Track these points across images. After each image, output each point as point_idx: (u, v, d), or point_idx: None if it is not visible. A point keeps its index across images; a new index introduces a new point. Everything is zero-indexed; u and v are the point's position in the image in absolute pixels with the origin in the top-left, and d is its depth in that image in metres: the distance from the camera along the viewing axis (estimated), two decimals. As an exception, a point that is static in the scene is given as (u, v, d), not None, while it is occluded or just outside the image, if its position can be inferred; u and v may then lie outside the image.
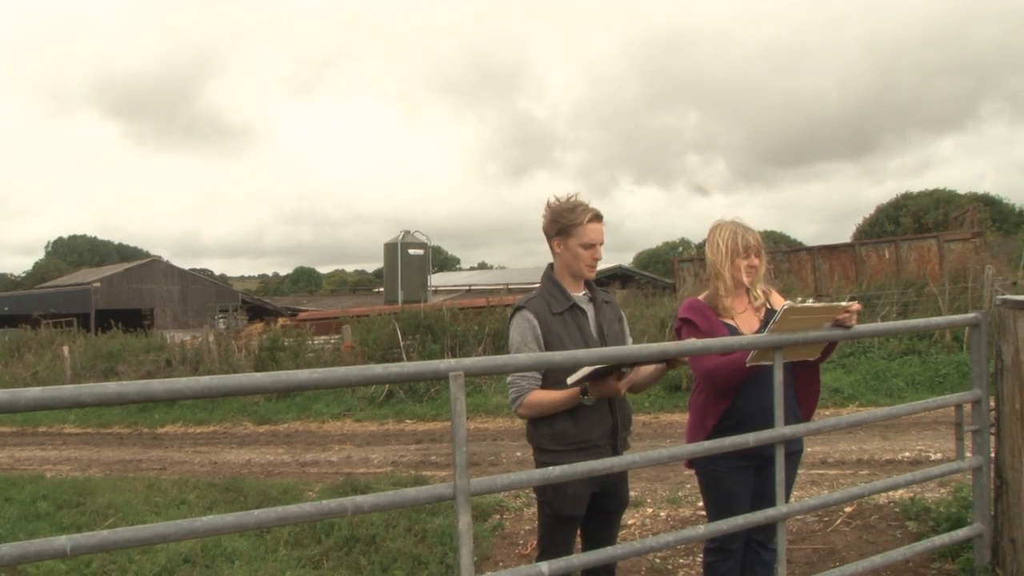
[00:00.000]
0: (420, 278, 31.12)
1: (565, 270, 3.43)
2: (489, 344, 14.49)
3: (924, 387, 10.86)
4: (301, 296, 74.84)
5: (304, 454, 10.20)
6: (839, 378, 11.45)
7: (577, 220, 3.33)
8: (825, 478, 7.00)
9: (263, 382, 2.27)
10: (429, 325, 15.00)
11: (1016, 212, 53.18)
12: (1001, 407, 3.55)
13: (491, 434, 10.58)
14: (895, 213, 50.01)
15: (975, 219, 24.31)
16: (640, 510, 6.19)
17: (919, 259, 20.17)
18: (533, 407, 3.26)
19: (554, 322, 3.31)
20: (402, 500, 2.43)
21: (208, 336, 18.17)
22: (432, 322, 15.07)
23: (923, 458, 7.48)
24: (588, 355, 2.77)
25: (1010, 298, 3.57)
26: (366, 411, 12.83)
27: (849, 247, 22.12)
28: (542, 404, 3.24)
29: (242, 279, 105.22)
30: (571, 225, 3.34)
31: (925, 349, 12.14)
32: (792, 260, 22.17)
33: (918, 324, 3.91)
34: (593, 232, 3.35)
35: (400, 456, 9.53)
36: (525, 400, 3.26)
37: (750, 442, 2.90)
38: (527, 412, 3.29)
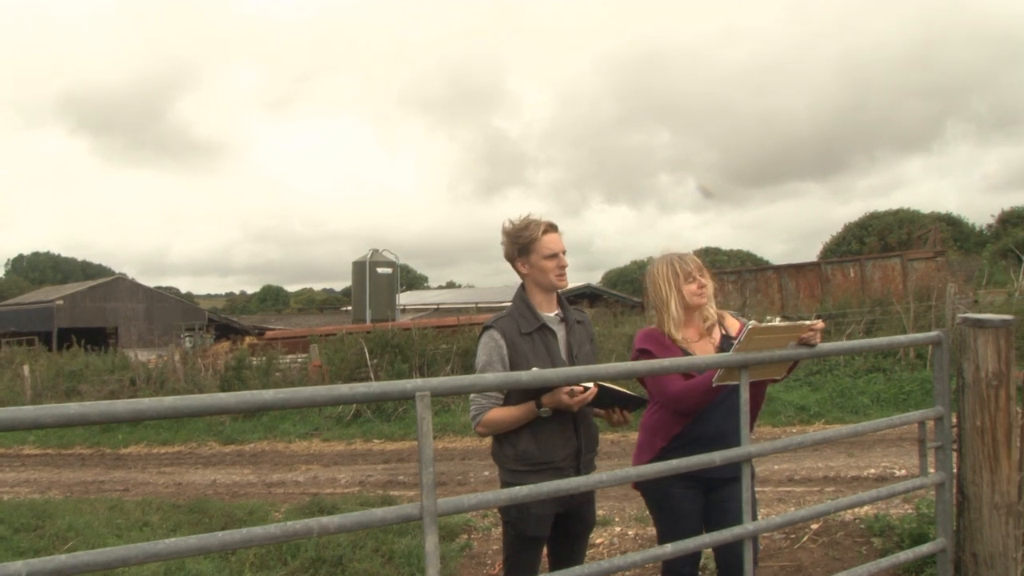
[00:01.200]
0: (388, 297, 31.03)
1: (536, 288, 3.44)
2: (458, 363, 14.48)
3: (889, 404, 10.99)
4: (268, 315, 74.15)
5: (271, 474, 10.10)
6: (806, 396, 11.56)
7: (533, 235, 3.37)
8: (791, 495, 7.06)
9: (228, 402, 2.25)
10: (397, 344, 14.95)
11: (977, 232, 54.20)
12: (963, 423, 3.60)
13: (459, 453, 10.55)
14: (861, 232, 50.62)
15: (938, 238, 24.72)
16: (608, 529, 6.20)
17: (883, 278, 20.43)
18: (491, 424, 3.27)
19: (522, 342, 3.31)
20: (369, 521, 2.42)
21: (174, 355, 17.97)
22: (400, 341, 15.03)
23: (888, 474, 7.57)
24: (555, 375, 2.77)
25: (970, 316, 3.63)
26: (333, 431, 12.75)
27: (815, 266, 22.37)
28: (500, 421, 3.26)
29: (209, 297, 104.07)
30: (529, 242, 3.37)
31: (890, 367, 12.30)
32: (759, 279, 22.39)
33: (882, 343, 3.98)
34: (551, 242, 3.39)
35: (367, 476, 9.48)
36: (483, 418, 3.27)
37: (716, 461, 2.92)
38: (486, 430, 3.31)
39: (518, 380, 2.78)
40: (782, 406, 11.09)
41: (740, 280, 22.26)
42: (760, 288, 21.79)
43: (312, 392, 2.36)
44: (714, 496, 3.45)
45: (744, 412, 3.00)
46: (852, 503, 3.64)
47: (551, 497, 2.77)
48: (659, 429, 3.46)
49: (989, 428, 3.54)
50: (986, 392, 3.54)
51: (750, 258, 61.51)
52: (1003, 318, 3.56)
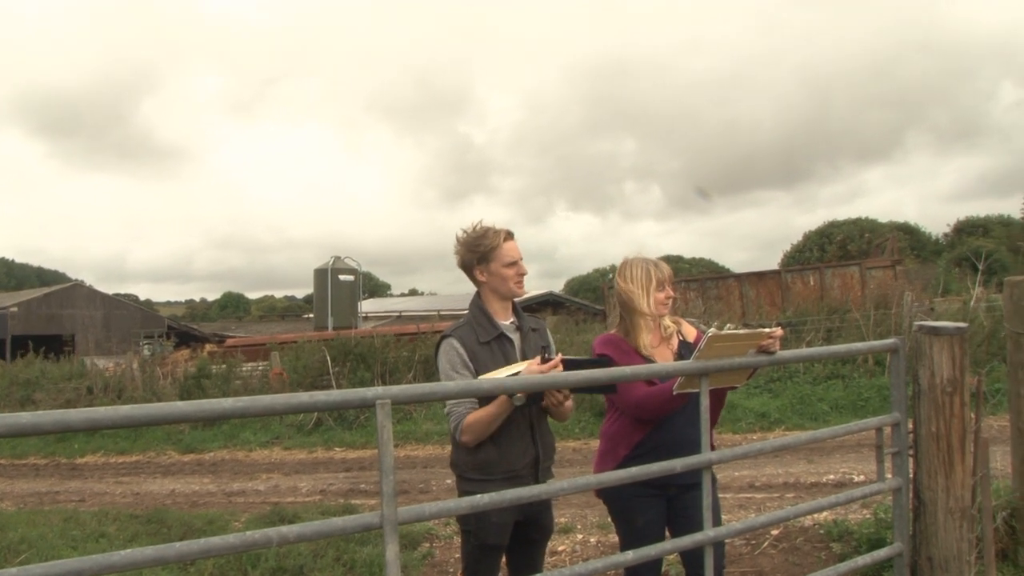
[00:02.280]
0: (350, 304, 30.87)
1: (492, 295, 3.44)
2: (420, 371, 14.42)
3: (847, 411, 11.12)
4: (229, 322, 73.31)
5: (230, 483, 9.98)
6: (766, 403, 11.66)
7: (493, 243, 3.38)
8: (752, 502, 7.12)
9: (186, 411, 2.23)
10: (359, 352, 14.85)
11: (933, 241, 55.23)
12: (919, 429, 3.65)
13: (421, 461, 10.51)
14: (821, 240, 51.33)
15: (895, 247, 25.06)
16: (570, 536, 6.20)
17: (842, 285, 20.68)
18: (473, 428, 3.21)
19: (481, 351, 3.31)
20: (329, 530, 2.40)
21: (132, 363, 17.69)
22: (362, 349, 14.93)
23: (847, 480, 7.66)
24: (517, 382, 2.78)
25: (925, 324, 3.68)
26: (295, 439, 12.63)
27: (775, 274, 22.57)
28: (480, 421, 3.20)
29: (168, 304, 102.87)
30: (489, 250, 3.38)
31: (848, 373, 12.44)
32: (720, 287, 22.55)
33: (840, 350, 4.01)
34: (512, 250, 3.41)
35: (329, 484, 9.40)
36: (463, 424, 3.23)
37: (677, 468, 2.94)
38: (471, 436, 3.23)
39: (478, 388, 2.78)
40: (742, 413, 11.18)
41: (702, 288, 22.41)
42: (722, 296, 21.95)
43: (272, 400, 2.34)
44: (677, 503, 3.47)
45: (704, 419, 3.02)
46: (811, 509, 3.68)
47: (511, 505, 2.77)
48: (621, 437, 3.47)
49: (944, 434, 3.59)
50: (941, 398, 3.60)
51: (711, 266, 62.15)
52: (957, 326, 3.62)
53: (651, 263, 3.53)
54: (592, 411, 11.56)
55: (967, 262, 30.85)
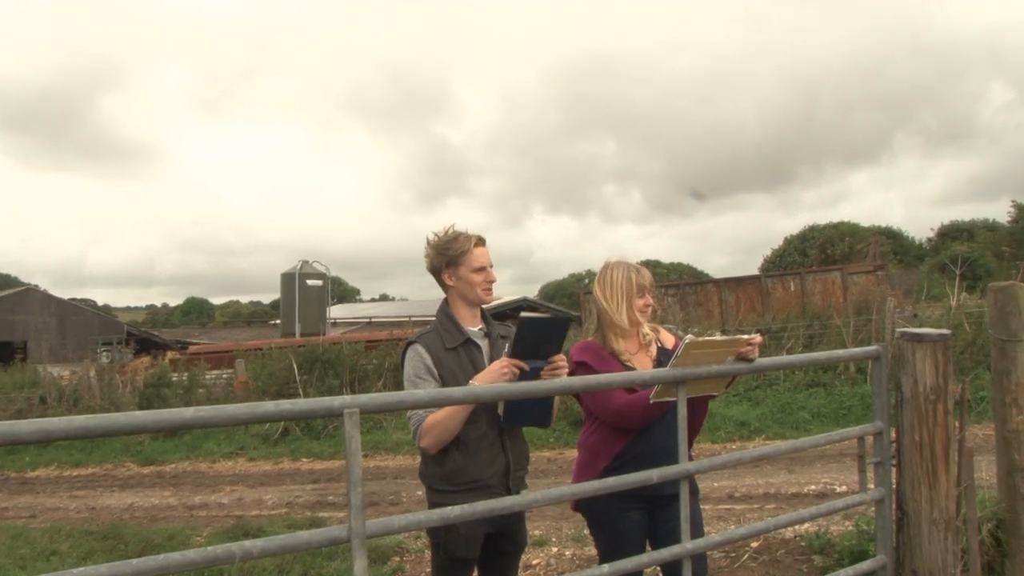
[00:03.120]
0: (319, 310, 30.70)
1: (460, 301, 3.46)
2: (390, 379, 14.40)
3: (829, 419, 11.21)
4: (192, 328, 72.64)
5: (192, 496, 9.89)
6: (745, 411, 11.73)
7: (463, 248, 3.39)
8: (732, 513, 7.15)
9: (145, 421, 2.19)
10: (327, 359, 14.81)
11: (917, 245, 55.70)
12: (901, 439, 3.66)
13: (391, 472, 10.47)
14: (803, 245, 51.62)
15: (877, 252, 25.31)
16: (545, 549, 6.20)
17: (824, 291, 20.84)
18: (432, 431, 3.19)
19: (447, 357, 3.31)
20: (294, 544, 2.37)
21: (89, 371, 17.48)
22: (331, 356, 14.89)
23: (828, 491, 7.71)
24: (488, 390, 2.77)
25: (908, 331, 3.70)
26: (260, 449, 12.55)
27: (755, 279, 22.70)
28: (439, 422, 3.18)
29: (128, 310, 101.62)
30: (459, 254, 3.39)
31: (830, 381, 12.54)
32: (699, 292, 22.65)
33: (821, 357, 4.02)
34: (481, 256, 3.42)
35: (296, 497, 9.34)
36: (422, 428, 3.20)
37: (654, 478, 2.93)
38: (430, 440, 3.21)
39: (450, 396, 2.76)
40: (722, 422, 11.24)
41: (680, 294, 22.50)
42: (700, 302, 22.06)
43: (236, 409, 2.32)
44: (658, 515, 3.46)
45: (682, 428, 3.02)
46: (792, 520, 3.69)
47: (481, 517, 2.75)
48: (600, 448, 3.46)
49: (927, 443, 3.61)
50: (924, 407, 3.62)
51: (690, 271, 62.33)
52: (940, 332, 3.64)
53: (632, 268, 3.53)
54: (568, 420, 11.57)
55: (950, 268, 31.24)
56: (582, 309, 24.69)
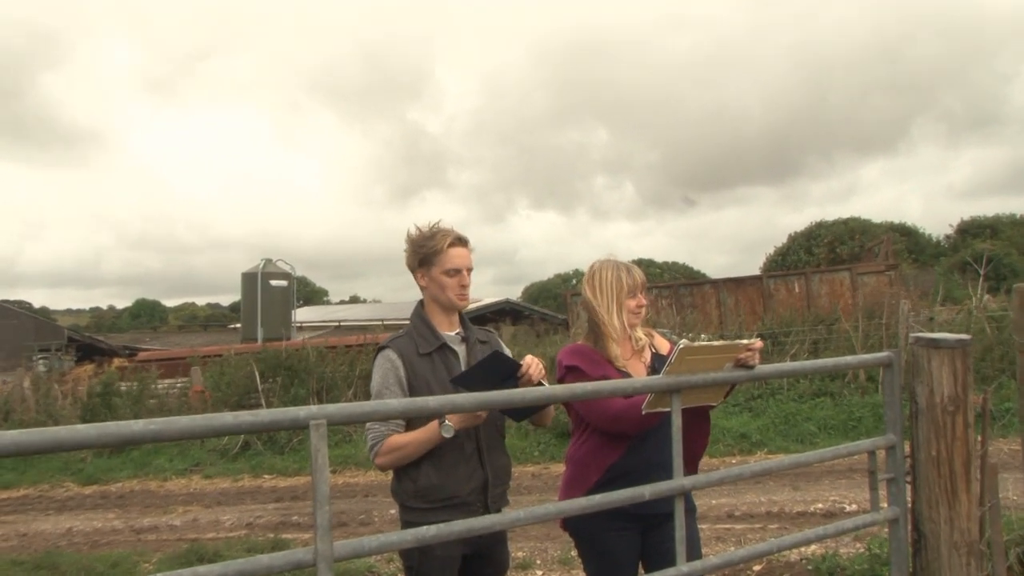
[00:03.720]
0: (283, 313, 30.61)
1: (434, 304, 3.49)
2: (361, 387, 14.37)
3: (837, 431, 11.25)
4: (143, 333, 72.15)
5: (140, 519, 9.82)
6: (746, 423, 11.77)
7: (437, 247, 3.41)
8: (732, 533, 7.17)
9: (87, 435, 2.17)
10: (292, 366, 14.76)
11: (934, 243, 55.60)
12: (916, 453, 3.64)
13: (362, 489, 10.45)
14: (808, 243, 51.61)
15: (890, 250, 25.39)
16: (529, 572, 6.20)
17: (831, 293, 20.95)
18: (392, 453, 3.25)
19: (420, 364, 3.34)
20: (254, 569, 2.35)
21: (23, 380, 17.31)
22: (296, 363, 14.84)
23: (837, 510, 7.75)
24: (466, 400, 2.76)
25: (923, 335, 3.67)
26: (217, 466, 12.48)
27: (756, 280, 22.79)
28: (401, 447, 3.24)
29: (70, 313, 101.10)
30: (432, 253, 3.42)
31: (838, 390, 12.59)
32: (695, 294, 22.72)
33: (827, 364, 4.02)
34: (457, 257, 3.43)
35: (257, 517, 9.30)
36: (382, 447, 3.25)
37: (646, 495, 2.93)
38: (386, 460, 3.27)
39: (424, 406, 2.74)
40: (720, 434, 11.27)
41: (675, 295, 22.55)
42: (696, 304, 22.12)
43: (191, 422, 2.30)
44: (652, 536, 3.46)
45: (676, 440, 3.01)
46: (798, 541, 3.69)
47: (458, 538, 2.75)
48: (591, 460, 3.45)
49: (946, 458, 3.59)
50: (942, 418, 3.60)
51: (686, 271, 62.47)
52: (959, 338, 3.61)
53: (623, 268, 3.55)
54: (553, 431, 11.58)
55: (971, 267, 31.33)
56: (569, 312, 24.72)
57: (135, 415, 14.30)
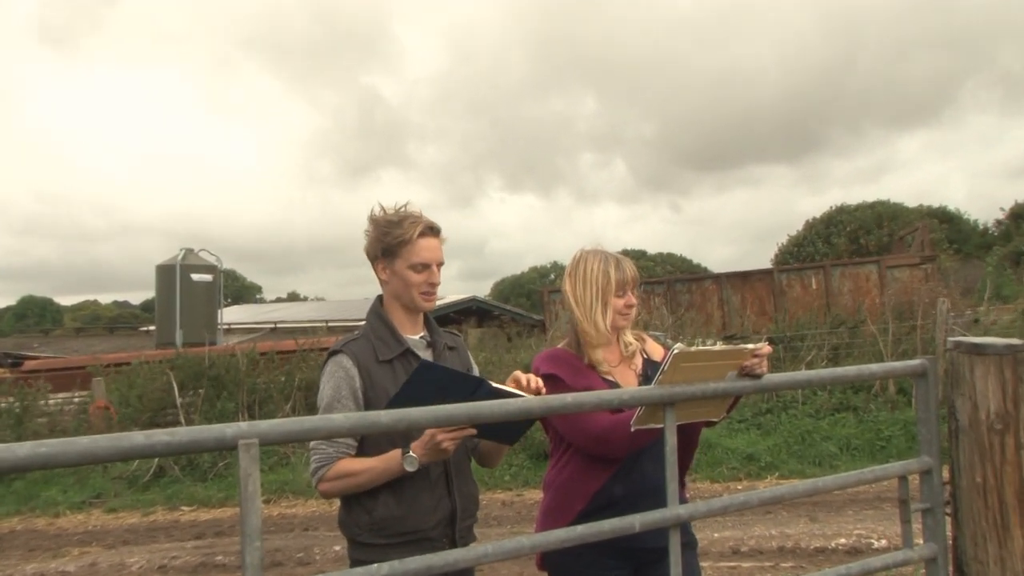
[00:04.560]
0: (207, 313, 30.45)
1: (395, 302, 3.44)
2: (300, 400, 14.36)
3: (862, 453, 11.32)
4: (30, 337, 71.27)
5: (24, 564, 9.70)
6: (753, 441, 11.83)
7: (404, 235, 3.35)
8: (738, 572, 7.20)
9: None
10: (218, 376, 14.70)
11: (980, 231, 54.89)
12: (957, 480, 3.59)
13: (301, 522, 10.42)
14: (827, 231, 51.53)
15: (926, 239, 25.36)
16: (500, 621, 6.21)
17: (855, 289, 21.04)
18: (339, 481, 3.20)
19: (379, 372, 3.29)
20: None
21: None
22: (222, 372, 14.78)
23: (863, 545, 7.79)
24: (426, 415, 2.75)
25: (965, 340, 3.58)
26: (124, 497, 12.38)
27: (766, 274, 22.80)
28: (351, 476, 3.19)
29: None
30: (397, 243, 3.36)
31: (863, 405, 12.65)
32: (694, 291, 22.74)
33: (849, 373, 4.01)
34: (426, 250, 3.37)
35: (172, 558, 9.24)
36: (328, 472, 3.21)
37: (636, 526, 2.93)
38: (333, 487, 3.23)
39: (376, 422, 2.73)
40: (724, 455, 11.33)
41: (670, 292, 22.58)
42: (696, 303, 22.17)
43: (92, 444, 2.28)
44: (645, 574, 3.47)
45: (671, 463, 2.99)
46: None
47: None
48: (573, 486, 3.44)
49: (994, 486, 3.47)
50: (987, 438, 3.51)
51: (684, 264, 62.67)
52: (1009, 343, 3.53)
53: (611, 260, 3.54)
54: (527, 453, 11.60)
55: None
56: (546, 312, 24.71)
57: (18, 437, 14.10)
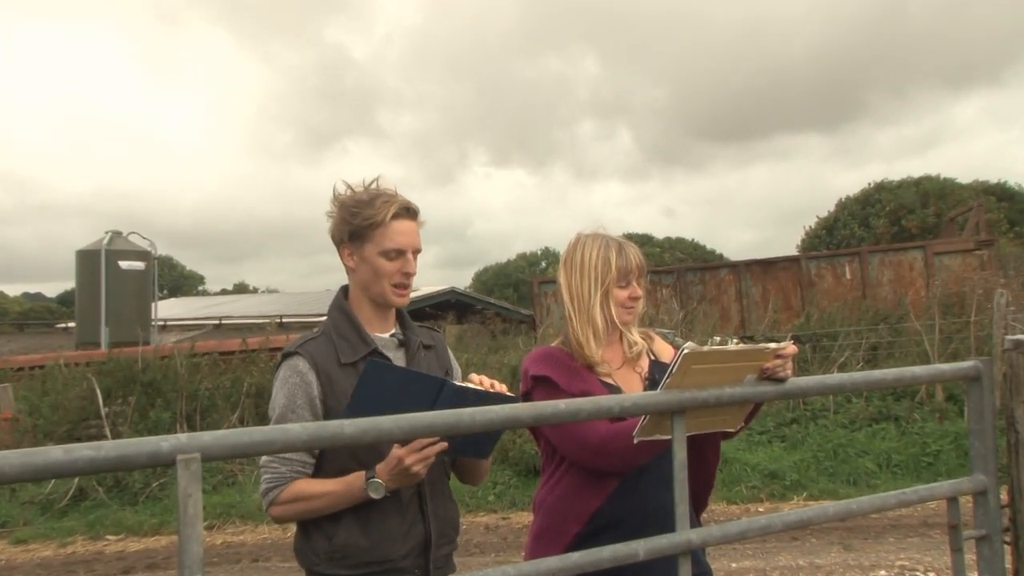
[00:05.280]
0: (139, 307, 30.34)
1: (363, 295, 3.41)
2: (250, 409, 14.34)
3: (905, 470, 11.34)
4: (-80, 336, 71.28)
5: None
6: (777, 456, 11.84)
7: (376, 217, 3.30)
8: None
9: None
10: (152, 381, 14.67)
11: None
12: (1017, 502, 3.59)
13: (250, 551, 10.43)
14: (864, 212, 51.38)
15: (982, 220, 25.18)
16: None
17: (897, 280, 21.00)
18: (295, 504, 3.17)
19: (342, 377, 3.25)
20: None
21: None
22: (157, 376, 14.76)
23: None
24: (399, 424, 2.75)
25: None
26: (37, 525, 12.31)
27: (792, 262, 22.77)
28: (309, 498, 3.15)
29: None
30: (367, 225, 3.31)
31: (906, 414, 12.66)
32: (708, 281, 22.72)
33: (888, 377, 4.01)
34: (401, 234, 3.33)
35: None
36: (281, 494, 3.17)
37: (640, 554, 2.95)
38: (286, 511, 3.20)
39: (338, 433, 2.73)
40: (743, 472, 11.35)
41: (680, 283, 22.57)
42: (710, 295, 22.16)
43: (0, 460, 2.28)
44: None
45: (679, 480, 2.98)
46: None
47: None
48: (569, 506, 3.43)
49: None
50: None
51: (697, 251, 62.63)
52: None
53: (613, 245, 3.52)
54: (513, 469, 11.60)
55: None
56: (536, 305, 24.67)
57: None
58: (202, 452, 2.37)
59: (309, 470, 3.22)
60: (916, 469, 11.28)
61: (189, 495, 2.35)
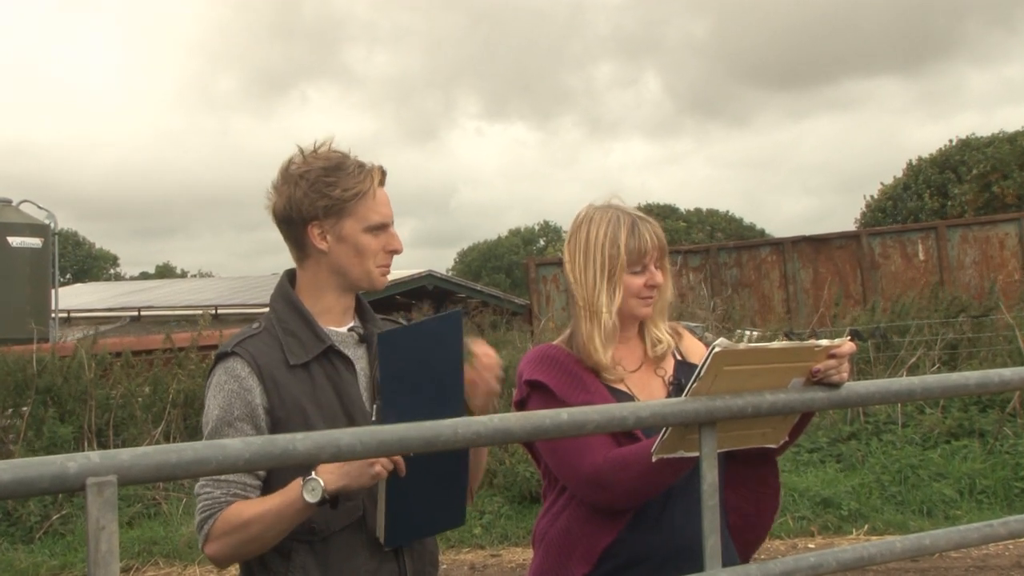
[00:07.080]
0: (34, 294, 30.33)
1: (328, 281, 3.39)
2: (177, 422, 14.35)
3: (993, 498, 11.35)
4: None
5: None
6: (830, 480, 11.87)
7: (361, 186, 3.29)
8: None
9: None
10: (52, 387, 14.66)
11: None
12: None
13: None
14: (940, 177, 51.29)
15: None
16: None
17: (982, 260, 20.94)
18: (232, 535, 3.08)
19: (291, 381, 3.24)
20: None
21: None
22: (58, 381, 14.74)
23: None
24: (358, 437, 2.75)
25: None
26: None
27: (851, 239, 22.82)
28: (245, 524, 3.05)
29: None
30: (351, 197, 3.28)
31: (993, 428, 12.64)
32: (746, 263, 22.65)
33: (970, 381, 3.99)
34: (385, 204, 3.36)
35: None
36: (216, 523, 3.09)
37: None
38: (224, 547, 3.10)
39: (290, 449, 2.71)
40: (789, 499, 11.37)
41: (712, 265, 22.48)
42: (748, 279, 22.13)
43: None
44: None
45: (709, 507, 2.96)
46: None
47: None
48: (575, 542, 3.42)
49: None
50: None
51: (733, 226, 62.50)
52: None
53: (625, 221, 3.46)
54: (507, 494, 11.63)
55: None
56: (533, 293, 24.55)
57: None
58: (119, 474, 2.37)
59: (253, 494, 3.14)
60: (1007, 497, 11.26)
61: (102, 528, 2.35)
